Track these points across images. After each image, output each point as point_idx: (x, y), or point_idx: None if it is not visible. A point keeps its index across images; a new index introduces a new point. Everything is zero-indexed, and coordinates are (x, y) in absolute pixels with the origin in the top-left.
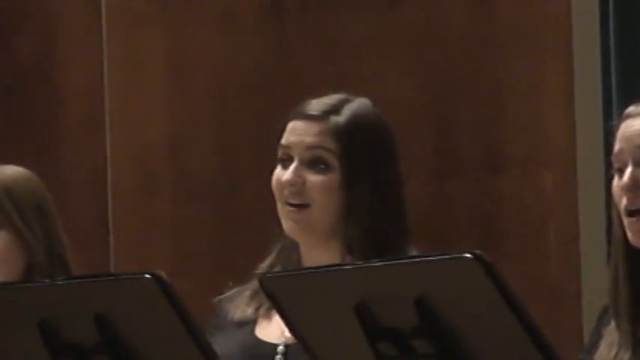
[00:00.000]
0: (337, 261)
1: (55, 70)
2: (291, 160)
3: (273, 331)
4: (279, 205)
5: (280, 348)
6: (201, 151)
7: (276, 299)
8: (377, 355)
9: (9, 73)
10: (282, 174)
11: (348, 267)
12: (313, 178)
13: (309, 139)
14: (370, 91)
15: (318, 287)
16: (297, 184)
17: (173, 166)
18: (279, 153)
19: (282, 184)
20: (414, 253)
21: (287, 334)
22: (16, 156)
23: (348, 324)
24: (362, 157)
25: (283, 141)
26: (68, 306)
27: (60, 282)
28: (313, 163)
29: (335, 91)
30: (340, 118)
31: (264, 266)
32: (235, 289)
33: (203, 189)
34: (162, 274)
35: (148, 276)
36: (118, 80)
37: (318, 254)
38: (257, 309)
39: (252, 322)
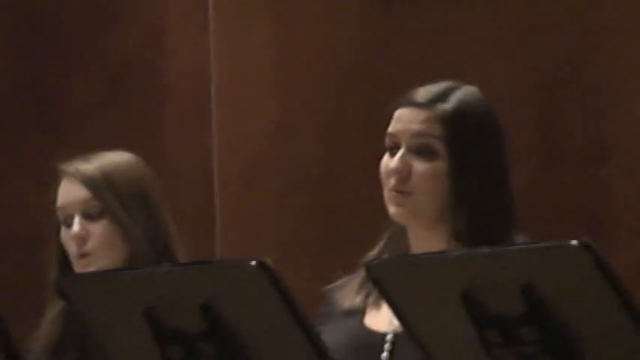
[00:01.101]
0: (443, 248)
1: (161, 59)
2: (398, 147)
3: (382, 320)
4: (385, 191)
5: (389, 337)
6: (307, 140)
7: (382, 286)
8: (484, 342)
9: (115, 62)
10: (389, 162)
11: (455, 254)
12: (420, 165)
13: (415, 127)
14: (476, 80)
15: (424, 274)
16: (403, 172)
17: (278, 155)
18: (387, 141)
19: (389, 172)
20: (521, 240)
21: (396, 322)
22: (122, 145)
23: (455, 311)
24: (468, 144)
25: (390, 129)
26: (174, 294)
27: (166, 270)
28: (420, 150)
29: (440, 80)
30: (447, 106)
31: (372, 254)
32: (345, 278)
33: (309, 178)
34: (269, 261)
35: (253, 263)
36: (223, 69)
37: (425, 241)
38: (366, 297)
39: (360, 312)
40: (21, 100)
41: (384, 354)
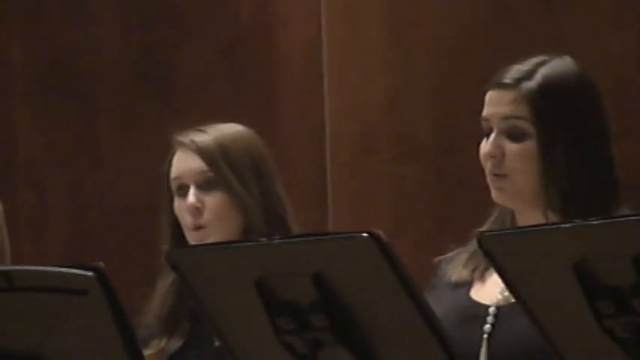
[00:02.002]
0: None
1: (274, 27)
2: (492, 131)
3: (487, 292)
4: (486, 174)
5: (492, 309)
6: (420, 110)
7: (494, 257)
8: (595, 314)
9: (229, 30)
10: (484, 146)
11: (568, 225)
12: (511, 147)
13: (503, 109)
14: (588, 47)
15: (536, 246)
16: (497, 156)
17: (391, 125)
18: (482, 125)
19: (484, 156)
20: (626, 212)
21: (499, 296)
22: (236, 113)
23: (566, 282)
24: (556, 120)
25: (483, 113)
26: (286, 265)
27: (277, 241)
28: (510, 132)
29: (551, 50)
30: (532, 84)
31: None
32: (455, 251)
33: (421, 147)
34: (380, 233)
35: (365, 235)
36: (336, 38)
37: (528, 218)
38: (473, 271)
39: (467, 284)
40: (135, 72)
41: (487, 326)
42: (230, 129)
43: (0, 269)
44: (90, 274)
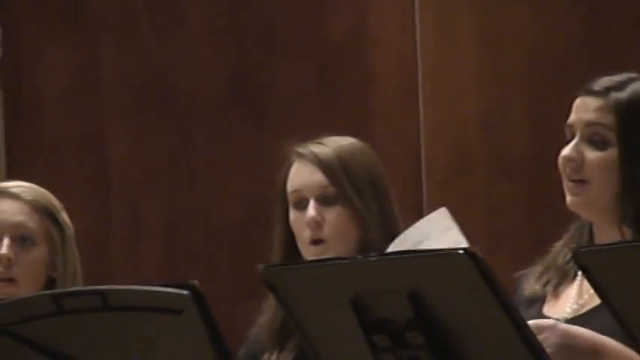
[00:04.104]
0: (617, 235)
1: (368, 46)
2: (574, 137)
3: (559, 308)
4: (563, 180)
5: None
6: (514, 128)
7: (590, 273)
8: None
9: (323, 49)
10: (564, 150)
11: None
12: (591, 154)
13: (588, 116)
14: None
15: (629, 261)
16: (576, 160)
17: (486, 143)
18: (566, 132)
19: (563, 161)
20: None
21: (568, 309)
22: (330, 132)
23: None
24: (639, 133)
25: (569, 119)
26: (381, 282)
27: (373, 258)
28: (592, 139)
29: None
30: (621, 95)
31: (558, 245)
32: (534, 266)
33: (516, 165)
34: (477, 249)
35: (461, 252)
36: (430, 56)
37: (601, 229)
38: (544, 285)
39: (540, 300)
40: (229, 92)
41: None
42: (347, 141)
43: (95, 289)
44: (185, 292)
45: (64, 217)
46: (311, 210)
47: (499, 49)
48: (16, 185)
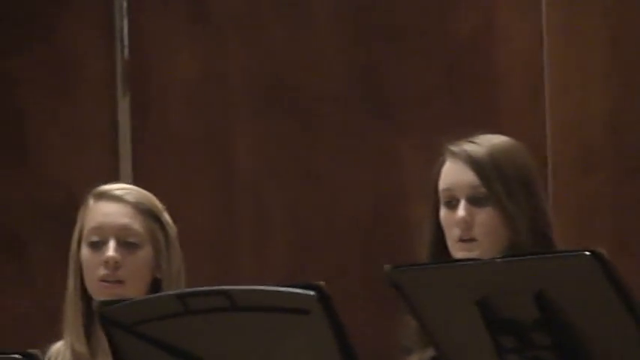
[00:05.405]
0: None
1: (494, 44)
2: None
3: None
4: None
5: None
6: None
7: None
8: None
9: (450, 47)
10: None
11: None
12: None
13: None
14: None
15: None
16: None
17: (613, 143)
18: None
19: None
20: None
21: None
22: (457, 130)
23: None
24: None
25: None
26: (508, 283)
27: (499, 260)
28: None
29: None
30: None
31: None
32: None
33: None
34: (603, 251)
35: (587, 253)
36: (556, 54)
37: None
38: None
39: None
40: (356, 89)
41: None
42: (500, 140)
43: (221, 289)
44: (311, 293)
45: (167, 217)
46: (461, 210)
47: (627, 48)
48: (119, 188)
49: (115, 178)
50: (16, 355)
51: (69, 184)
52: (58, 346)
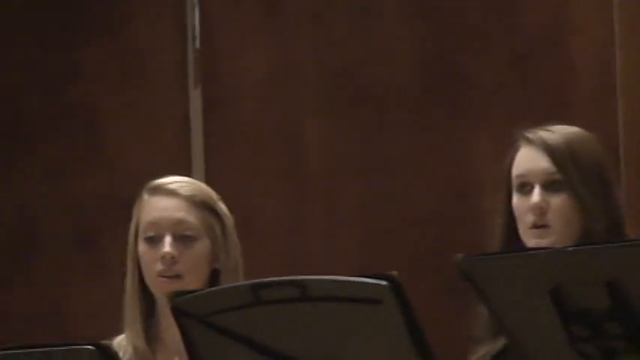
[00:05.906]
0: None
1: (566, 36)
2: None
3: None
4: None
5: None
6: None
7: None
8: None
9: (521, 39)
10: None
11: None
12: None
13: None
14: None
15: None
16: None
17: None
18: None
19: None
20: None
21: None
22: (527, 122)
23: None
24: None
25: None
26: (580, 272)
27: (572, 249)
28: None
29: None
30: None
31: None
32: None
33: None
34: None
35: None
36: (628, 45)
37: None
38: None
39: None
40: (426, 81)
41: None
42: (574, 129)
43: (293, 279)
44: (384, 283)
45: (223, 207)
46: (536, 196)
47: None
48: (172, 181)
49: (187, 170)
50: (90, 347)
51: (141, 177)
52: (119, 340)
